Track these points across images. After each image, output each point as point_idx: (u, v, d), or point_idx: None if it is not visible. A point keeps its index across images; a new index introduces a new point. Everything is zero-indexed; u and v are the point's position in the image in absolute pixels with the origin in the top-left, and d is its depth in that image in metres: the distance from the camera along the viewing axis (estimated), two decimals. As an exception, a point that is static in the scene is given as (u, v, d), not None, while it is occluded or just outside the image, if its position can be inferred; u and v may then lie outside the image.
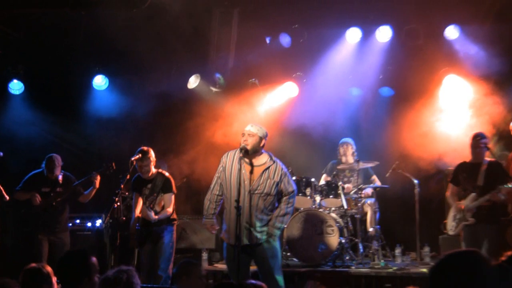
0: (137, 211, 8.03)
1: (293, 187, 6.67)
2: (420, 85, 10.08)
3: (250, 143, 6.45)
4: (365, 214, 9.79)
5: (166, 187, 7.93)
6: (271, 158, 6.59)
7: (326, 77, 10.44)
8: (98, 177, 8.55)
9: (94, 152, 10.68)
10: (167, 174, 8.09)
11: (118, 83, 10.98)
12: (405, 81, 10.23)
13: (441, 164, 9.67)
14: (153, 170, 8.04)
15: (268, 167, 6.50)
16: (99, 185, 8.62)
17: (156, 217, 7.76)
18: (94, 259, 4.31)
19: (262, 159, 6.58)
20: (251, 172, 6.47)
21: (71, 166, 9.07)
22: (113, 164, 8.55)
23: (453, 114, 10.00)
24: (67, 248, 8.55)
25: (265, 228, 6.48)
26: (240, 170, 6.32)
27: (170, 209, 7.91)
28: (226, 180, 6.56)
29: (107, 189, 8.91)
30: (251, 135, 6.49)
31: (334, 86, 10.46)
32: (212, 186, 6.74)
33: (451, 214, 8.22)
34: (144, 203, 7.97)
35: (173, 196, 7.98)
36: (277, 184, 6.50)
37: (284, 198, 6.60)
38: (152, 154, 8.01)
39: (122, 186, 7.89)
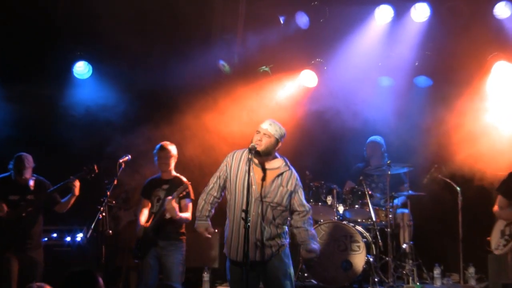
0: (142, 219, 8.04)
1: (308, 204, 6.55)
2: (463, 73, 9.92)
3: (263, 144, 6.25)
4: (398, 227, 9.69)
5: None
6: (286, 164, 6.44)
7: (351, 64, 10.29)
8: (78, 183, 8.31)
9: (73, 152, 10.41)
10: (185, 179, 8.10)
11: (103, 71, 10.73)
12: (446, 69, 10.11)
13: (489, 169, 9.43)
14: (173, 171, 8.16)
15: (282, 173, 6.35)
16: (80, 192, 8.38)
17: (180, 216, 7.72)
18: (101, 280, 4.37)
19: (275, 163, 6.41)
20: (262, 176, 6.31)
21: (46, 169, 8.83)
22: (95, 166, 8.29)
23: (504, 109, 9.82)
24: (41, 267, 8.33)
25: (274, 242, 6.30)
26: (248, 172, 6.13)
27: (189, 215, 7.85)
28: (231, 184, 6.40)
29: (91, 197, 8.64)
30: (268, 135, 6.28)
31: (360, 75, 10.34)
32: (210, 186, 6.58)
33: (498, 229, 8.13)
34: (154, 208, 7.95)
35: (190, 204, 7.92)
36: (291, 194, 6.35)
37: (305, 217, 6.45)
38: (172, 149, 8.12)
39: (108, 193, 7.72)
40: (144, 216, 8.05)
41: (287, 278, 6.34)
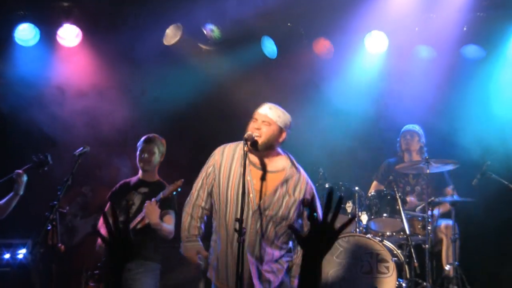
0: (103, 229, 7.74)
1: None
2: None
3: (263, 135, 6.11)
4: (439, 243, 9.62)
5: (166, 201, 7.67)
6: (292, 164, 6.30)
7: (379, 30, 10.40)
8: (24, 178, 8.07)
9: (17, 140, 10.37)
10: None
11: (54, 36, 10.59)
12: (503, 35, 10.17)
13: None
14: (157, 174, 8.12)
15: (288, 179, 6.23)
16: (24, 191, 8.14)
17: (162, 225, 7.51)
18: None
19: (278, 163, 6.26)
20: (262, 181, 6.20)
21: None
22: (48, 157, 8.05)
23: None
24: None
25: (277, 265, 6.30)
26: (243, 175, 5.95)
27: (172, 228, 7.67)
28: (220, 190, 6.27)
29: (37, 200, 8.51)
30: (268, 123, 6.14)
31: (390, 44, 10.43)
32: (194, 195, 6.41)
33: None
34: (123, 216, 7.70)
35: (173, 216, 7.77)
36: (299, 206, 6.25)
37: None
38: (161, 144, 8.08)
39: (60, 196, 7.41)
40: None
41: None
